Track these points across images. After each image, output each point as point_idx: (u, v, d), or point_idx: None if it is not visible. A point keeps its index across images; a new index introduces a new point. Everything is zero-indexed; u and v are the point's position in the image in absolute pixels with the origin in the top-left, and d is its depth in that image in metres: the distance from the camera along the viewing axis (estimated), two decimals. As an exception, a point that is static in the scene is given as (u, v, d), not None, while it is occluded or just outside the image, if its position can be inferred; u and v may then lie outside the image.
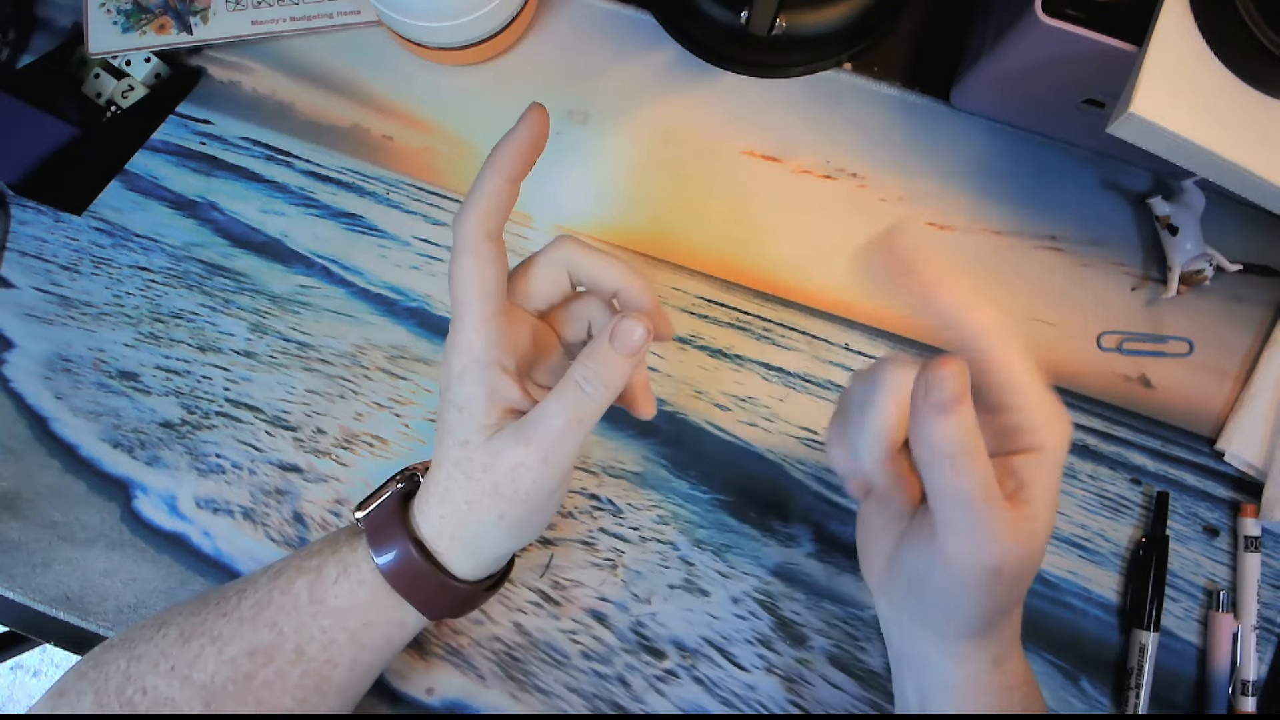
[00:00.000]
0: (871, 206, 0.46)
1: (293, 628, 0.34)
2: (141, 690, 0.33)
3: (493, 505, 0.32)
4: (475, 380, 0.31)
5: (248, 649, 0.33)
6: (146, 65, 0.47)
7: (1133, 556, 0.43)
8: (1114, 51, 0.36)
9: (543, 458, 0.31)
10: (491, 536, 0.33)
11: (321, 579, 0.34)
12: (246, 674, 0.33)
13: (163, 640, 0.34)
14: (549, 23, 0.49)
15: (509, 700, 0.42)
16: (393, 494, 0.35)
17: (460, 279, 0.31)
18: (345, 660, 0.34)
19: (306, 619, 0.34)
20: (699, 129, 0.47)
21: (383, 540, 0.34)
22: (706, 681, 0.42)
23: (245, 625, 0.34)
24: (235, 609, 0.34)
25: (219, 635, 0.34)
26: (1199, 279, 0.44)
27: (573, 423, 0.31)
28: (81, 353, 0.46)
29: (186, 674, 0.33)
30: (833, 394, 0.45)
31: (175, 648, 0.34)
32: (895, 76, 0.47)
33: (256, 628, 0.34)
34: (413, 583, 0.34)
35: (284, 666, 0.33)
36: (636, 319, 0.30)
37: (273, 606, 0.34)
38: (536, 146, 0.33)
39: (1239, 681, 0.42)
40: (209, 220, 0.48)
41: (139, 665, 0.34)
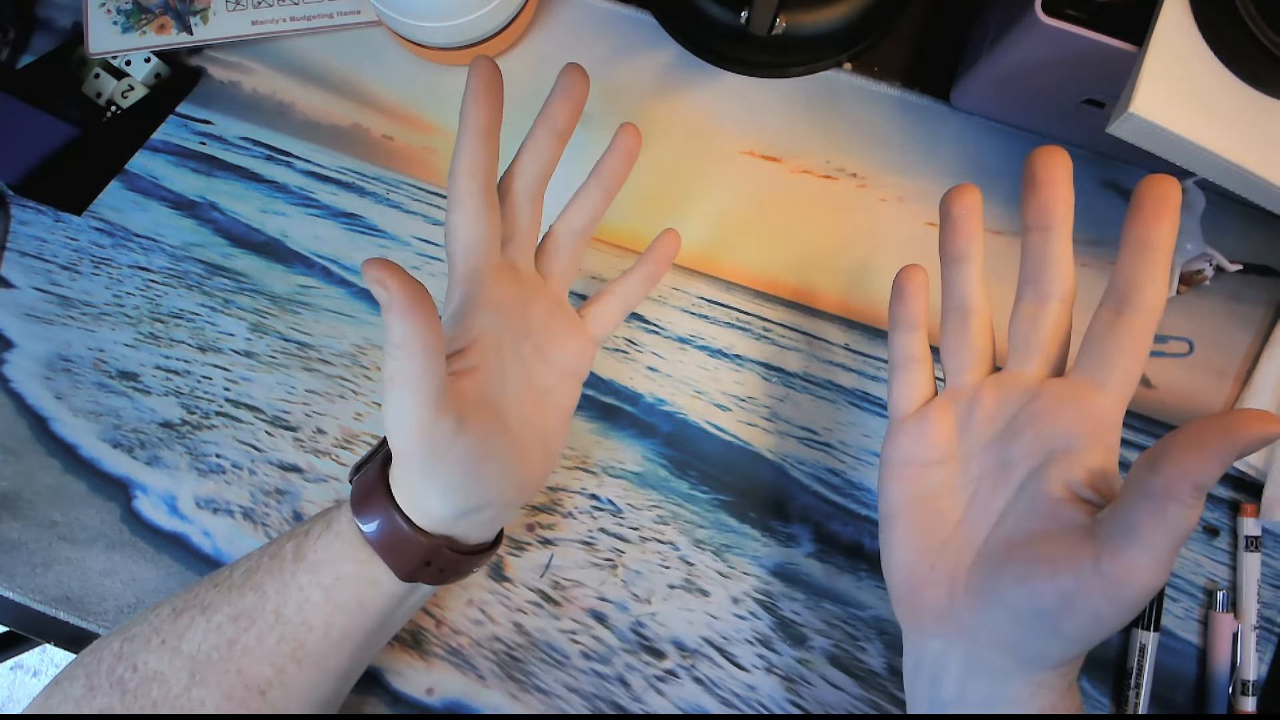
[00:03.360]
0: (871, 206, 0.46)
1: (275, 588, 0.34)
2: (132, 667, 0.33)
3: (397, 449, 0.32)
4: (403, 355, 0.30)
5: (232, 614, 0.34)
6: (146, 65, 0.47)
7: (1133, 556, 0.43)
8: (1114, 51, 0.36)
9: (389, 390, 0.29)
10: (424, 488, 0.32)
11: (308, 538, 0.35)
12: (229, 639, 0.33)
13: (155, 618, 0.34)
14: (549, 23, 0.49)
15: (509, 700, 0.42)
16: (381, 454, 0.35)
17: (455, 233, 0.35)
18: (319, 623, 0.34)
19: (288, 577, 0.34)
20: (699, 129, 0.47)
21: (364, 499, 0.34)
22: (706, 681, 0.42)
23: (234, 591, 0.34)
24: (227, 578, 0.35)
25: (209, 604, 0.34)
26: (1199, 279, 0.44)
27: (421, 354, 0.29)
28: (81, 353, 0.46)
29: (175, 645, 0.33)
30: (833, 394, 0.45)
31: (167, 622, 0.34)
32: (895, 76, 0.47)
33: (244, 592, 0.34)
34: (383, 535, 0.33)
35: (263, 630, 0.33)
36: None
37: (260, 570, 0.35)
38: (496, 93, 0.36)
39: (1239, 681, 0.42)
40: (209, 220, 0.48)
41: (132, 644, 0.34)
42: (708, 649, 0.43)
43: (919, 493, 0.34)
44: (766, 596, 0.43)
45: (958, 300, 0.34)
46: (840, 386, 0.45)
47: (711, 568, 0.43)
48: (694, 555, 0.44)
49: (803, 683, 0.42)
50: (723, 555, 0.44)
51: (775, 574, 0.43)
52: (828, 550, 0.43)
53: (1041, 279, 0.32)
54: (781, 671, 0.42)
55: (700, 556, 0.44)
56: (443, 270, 0.47)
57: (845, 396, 0.45)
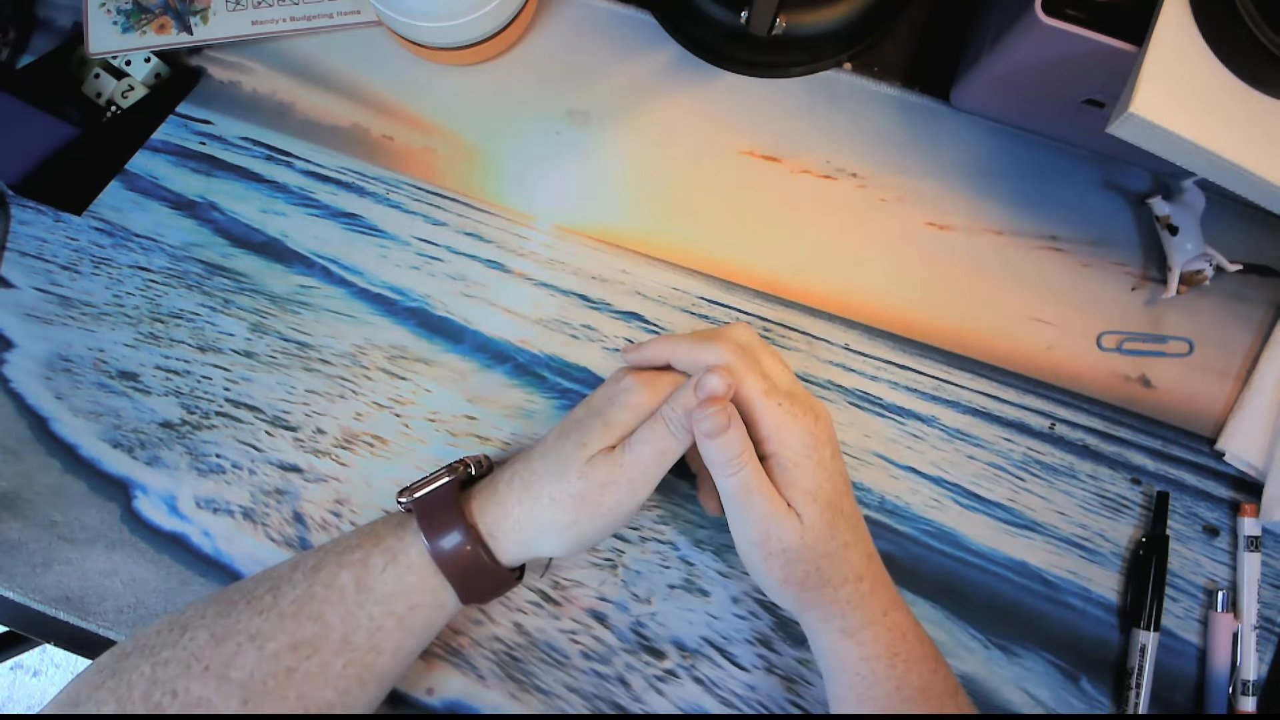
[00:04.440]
0: (871, 206, 0.46)
1: (339, 618, 0.35)
2: (171, 694, 0.33)
3: (572, 510, 0.35)
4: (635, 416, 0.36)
5: (290, 643, 0.34)
6: (146, 65, 0.47)
7: (1133, 556, 0.43)
8: (1114, 51, 0.36)
9: (630, 478, 0.35)
10: (554, 537, 0.36)
11: (368, 569, 0.35)
12: (289, 668, 0.34)
13: (190, 644, 0.34)
14: (549, 23, 0.49)
15: (509, 700, 0.42)
16: (450, 480, 0.37)
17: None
18: (390, 647, 0.35)
19: (354, 608, 0.35)
20: (699, 129, 0.47)
21: (438, 524, 0.35)
22: (706, 681, 0.42)
23: (287, 620, 0.34)
24: (272, 605, 0.35)
25: (258, 633, 0.34)
26: (1199, 279, 0.44)
27: (657, 453, 0.35)
28: (81, 353, 0.46)
29: (223, 673, 0.33)
30: (833, 394, 0.45)
31: (208, 649, 0.34)
32: (895, 76, 0.47)
33: (300, 621, 0.34)
34: (461, 566, 0.35)
35: (328, 658, 0.34)
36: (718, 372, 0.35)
37: (317, 600, 0.35)
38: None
39: (1239, 681, 0.42)
40: (209, 220, 0.48)
41: (166, 669, 0.33)
42: (708, 649, 0.43)
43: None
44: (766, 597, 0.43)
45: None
46: (840, 386, 0.45)
47: (711, 568, 0.43)
48: (694, 555, 0.44)
49: (803, 683, 0.42)
50: (723, 555, 0.44)
51: (775, 574, 0.43)
52: (828, 550, 0.43)
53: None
54: (781, 671, 0.42)
55: (700, 556, 0.44)
56: (443, 270, 0.47)
57: (845, 396, 0.45)
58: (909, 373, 0.45)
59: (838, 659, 0.37)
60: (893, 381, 0.45)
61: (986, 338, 0.45)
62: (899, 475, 0.44)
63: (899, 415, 0.45)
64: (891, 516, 0.44)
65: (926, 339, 0.45)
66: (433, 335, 0.46)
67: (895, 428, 0.45)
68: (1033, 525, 0.44)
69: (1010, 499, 0.44)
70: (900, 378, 0.45)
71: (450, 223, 0.47)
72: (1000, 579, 0.43)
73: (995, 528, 0.44)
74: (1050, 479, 0.44)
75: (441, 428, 0.45)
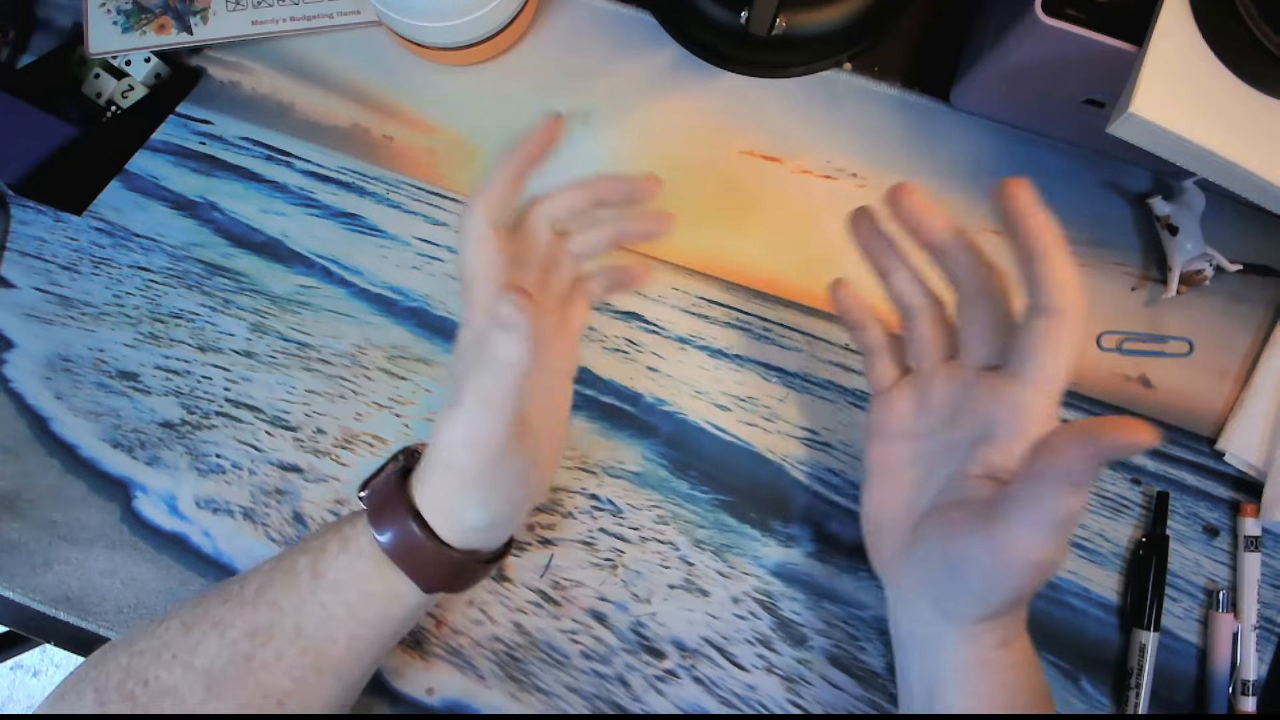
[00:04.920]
0: (871, 206, 0.46)
1: (292, 605, 0.34)
2: (143, 682, 0.33)
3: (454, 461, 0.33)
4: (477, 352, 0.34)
5: (248, 630, 0.34)
6: (146, 65, 0.47)
7: (1133, 556, 0.43)
8: (1114, 51, 0.36)
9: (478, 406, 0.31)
10: (464, 499, 0.34)
11: (324, 555, 0.35)
12: (246, 655, 0.33)
13: (164, 633, 0.34)
14: (549, 23, 0.49)
15: (509, 700, 0.42)
16: (393, 469, 0.36)
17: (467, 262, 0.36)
18: (342, 636, 0.34)
19: (306, 595, 0.34)
20: (699, 129, 0.47)
21: (383, 513, 0.35)
22: (706, 681, 0.42)
23: (247, 607, 0.34)
24: (238, 594, 0.35)
25: (220, 620, 0.34)
26: (1199, 279, 0.44)
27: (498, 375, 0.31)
28: (81, 353, 0.46)
29: (188, 660, 0.33)
30: (833, 394, 0.45)
31: (177, 637, 0.34)
32: (895, 76, 0.47)
33: (258, 608, 0.34)
34: (407, 550, 0.34)
35: (282, 645, 0.34)
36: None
37: (274, 586, 0.35)
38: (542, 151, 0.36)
39: (1239, 681, 0.42)
40: (209, 220, 0.48)
41: (141, 659, 0.34)
42: (708, 649, 0.43)
43: (887, 459, 0.38)
44: (766, 596, 0.43)
45: (899, 305, 0.38)
46: (840, 386, 0.45)
47: (711, 568, 0.43)
48: (694, 555, 0.44)
49: (803, 683, 0.42)
50: (723, 555, 0.44)
51: (775, 574, 0.43)
52: (828, 550, 0.43)
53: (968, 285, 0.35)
54: (781, 671, 0.42)
55: (700, 556, 0.44)
56: (442, 270, 0.47)
57: (845, 396, 0.45)
58: (909, 373, 0.45)
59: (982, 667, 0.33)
60: (893, 381, 0.45)
61: (986, 338, 0.45)
62: (899, 475, 0.44)
63: (899, 415, 0.45)
64: (891, 516, 0.44)
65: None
66: (433, 335, 0.46)
67: (895, 428, 0.45)
68: (1033, 525, 0.44)
69: (1010, 499, 0.44)
70: (900, 378, 0.45)
71: (450, 223, 0.47)
72: (1000, 579, 0.43)
73: (995, 528, 0.44)
74: (1050, 479, 0.44)
75: (441, 428, 0.45)
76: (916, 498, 0.36)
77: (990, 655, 0.33)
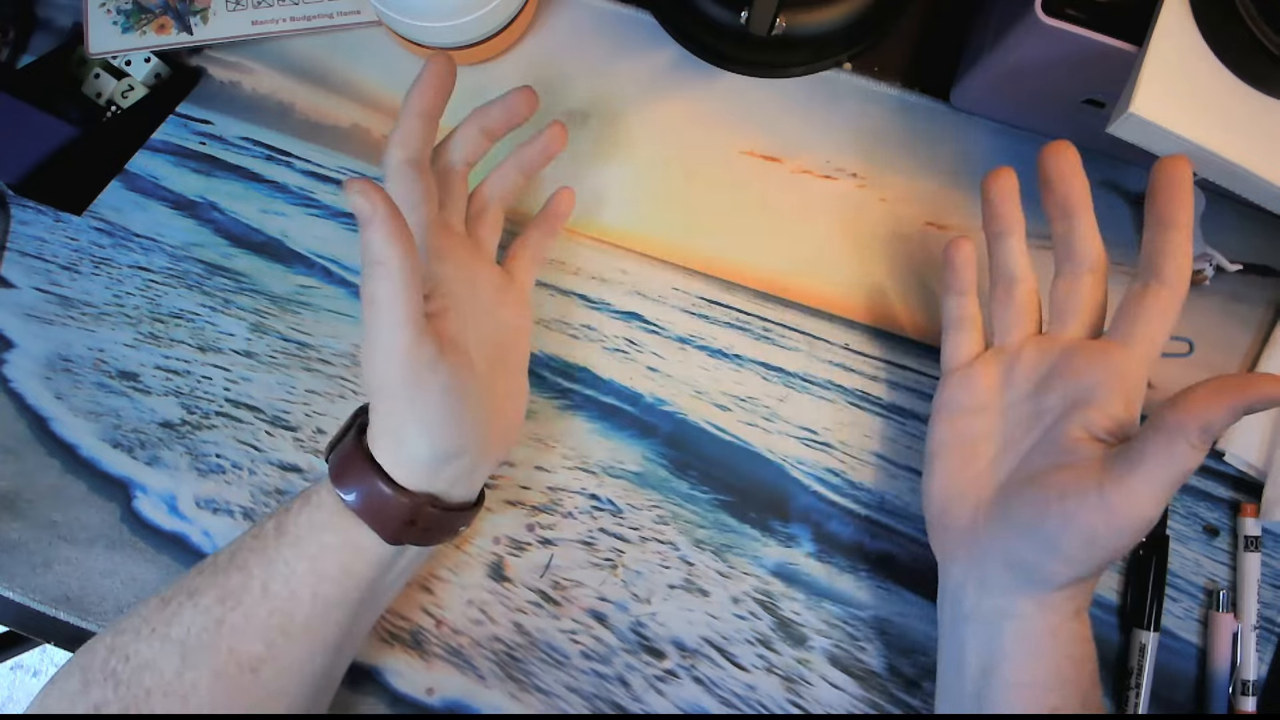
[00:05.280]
0: (871, 206, 0.46)
1: (260, 565, 0.34)
2: (124, 658, 0.33)
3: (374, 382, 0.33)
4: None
5: (219, 595, 0.34)
6: (146, 65, 0.47)
7: (1133, 556, 0.43)
8: (1114, 51, 0.36)
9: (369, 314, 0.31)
10: (399, 422, 0.33)
11: (288, 514, 0.35)
12: (217, 620, 0.34)
13: (144, 609, 0.35)
14: (549, 23, 0.49)
15: (509, 700, 0.42)
16: (355, 420, 0.37)
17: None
18: (306, 594, 0.34)
19: (271, 553, 0.34)
20: (699, 129, 0.47)
21: (341, 466, 0.35)
22: (706, 681, 0.42)
23: (219, 574, 0.35)
24: (211, 563, 0.35)
25: (194, 589, 0.34)
26: (1199, 279, 0.44)
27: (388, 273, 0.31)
28: (81, 353, 0.46)
29: (165, 632, 0.34)
30: (833, 394, 0.45)
31: (155, 611, 0.34)
32: (895, 76, 0.47)
33: (229, 573, 0.35)
34: (364, 498, 0.34)
35: (251, 607, 0.34)
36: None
37: (244, 550, 0.35)
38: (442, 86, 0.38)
39: (1239, 681, 0.42)
40: (209, 220, 0.48)
41: (122, 637, 0.34)
42: (708, 649, 0.43)
43: (961, 434, 0.38)
44: (766, 596, 0.43)
45: (1002, 270, 0.38)
46: (840, 386, 0.45)
47: (711, 568, 0.43)
48: (694, 555, 0.44)
49: (803, 683, 0.42)
50: (723, 555, 0.44)
51: (775, 574, 0.43)
52: (828, 550, 0.43)
53: (1073, 257, 0.36)
54: (781, 671, 0.42)
55: (700, 556, 0.44)
56: (443, 270, 0.47)
57: (845, 396, 0.45)
58: (909, 373, 0.45)
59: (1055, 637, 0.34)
60: (892, 381, 0.45)
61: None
62: (899, 475, 0.44)
63: (899, 415, 0.45)
64: (891, 516, 0.44)
65: (927, 339, 0.45)
66: (433, 335, 0.46)
67: (895, 428, 0.45)
68: (1033, 525, 0.44)
69: (1010, 499, 0.44)
70: (900, 378, 0.45)
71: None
72: (1000, 579, 0.43)
73: (995, 528, 0.44)
74: (1050, 479, 0.44)
75: (441, 428, 0.45)
76: (996, 468, 0.37)
77: (1061, 626, 0.33)
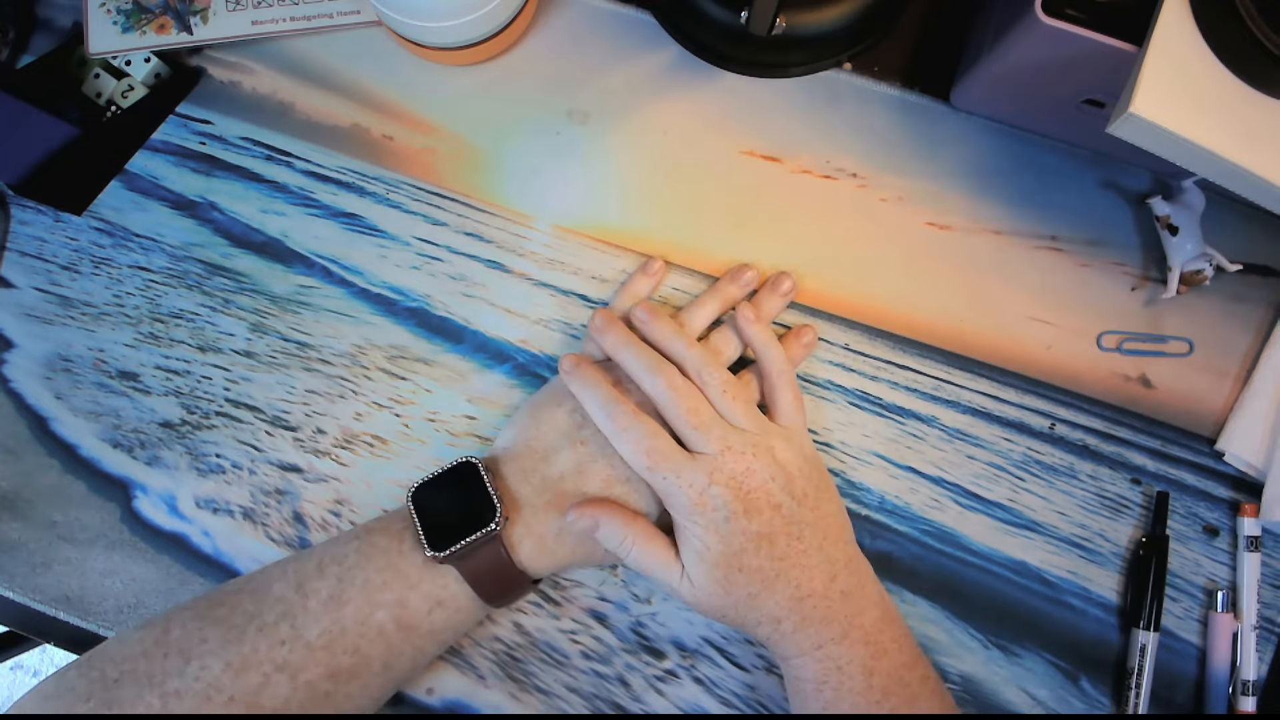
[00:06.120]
0: (871, 206, 0.46)
1: (379, 651, 0.36)
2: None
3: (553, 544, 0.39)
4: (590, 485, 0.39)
5: (327, 673, 0.35)
6: (146, 65, 0.47)
7: (1133, 556, 0.43)
8: (1114, 51, 0.36)
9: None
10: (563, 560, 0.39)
11: (409, 611, 0.36)
12: (326, 693, 0.35)
13: (204, 673, 0.34)
14: (549, 23, 0.49)
15: (509, 700, 0.42)
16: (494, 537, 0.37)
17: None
18: (426, 661, 0.38)
19: (396, 643, 0.36)
20: (699, 129, 0.47)
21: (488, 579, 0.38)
22: (706, 681, 0.42)
23: (318, 652, 0.35)
24: (294, 637, 0.35)
25: (284, 664, 0.35)
26: (1199, 279, 0.44)
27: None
28: (81, 353, 0.46)
29: (252, 700, 0.34)
30: (833, 394, 0.45)
31: (227, 679, 0.34)
32: (895, 76, 0.47)
33: (334, 654, 0.35)
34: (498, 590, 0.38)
35: (368, 680, 0.36)
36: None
37: (349, 635, 0.36)
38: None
39: (1239, 681, 0.42)
40: (209, 220, 0.48)
41: (181, 700, 0.33)
42: (708, 649, 0.43)
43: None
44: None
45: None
46: (840, 386, 0.45)
47: (711, 568, 0.43)
48: (694, 555, 0.44)
49: (803, 683, 0.42)
50: (723, 555, 0.43)
51: (775, 574, 0.43)
52: (828, 550, 0.43)
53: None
54: (781, 671, 0.42)
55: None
56: (442, 270, 0.47)
57: (845, 396, 0.45)
58: (909, 373, 0.45)
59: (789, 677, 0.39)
60: (893, 381, 0.45)
61: (986, 338, 0.45)
62: (899, 475, 0.44)
63: (899, 415, 0.45)
64: (891, 516, 0.44)
65: (926, 339, 0.45)
66: (433, 335, 0.46)
67: (895, 428, 0.45)
68: (1033, 525, 0.44)
69: (1010, 499, 0.44)
70: (900, 378, 0.45)
71: (450, 223, 0.47)
72: (1000, 579, 0.43)
73: (995, 528, 0.44)
74: (1050, 479, 0.44)
75: (441, 428, 0.45)
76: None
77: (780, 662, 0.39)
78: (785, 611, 0.37)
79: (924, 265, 0.46)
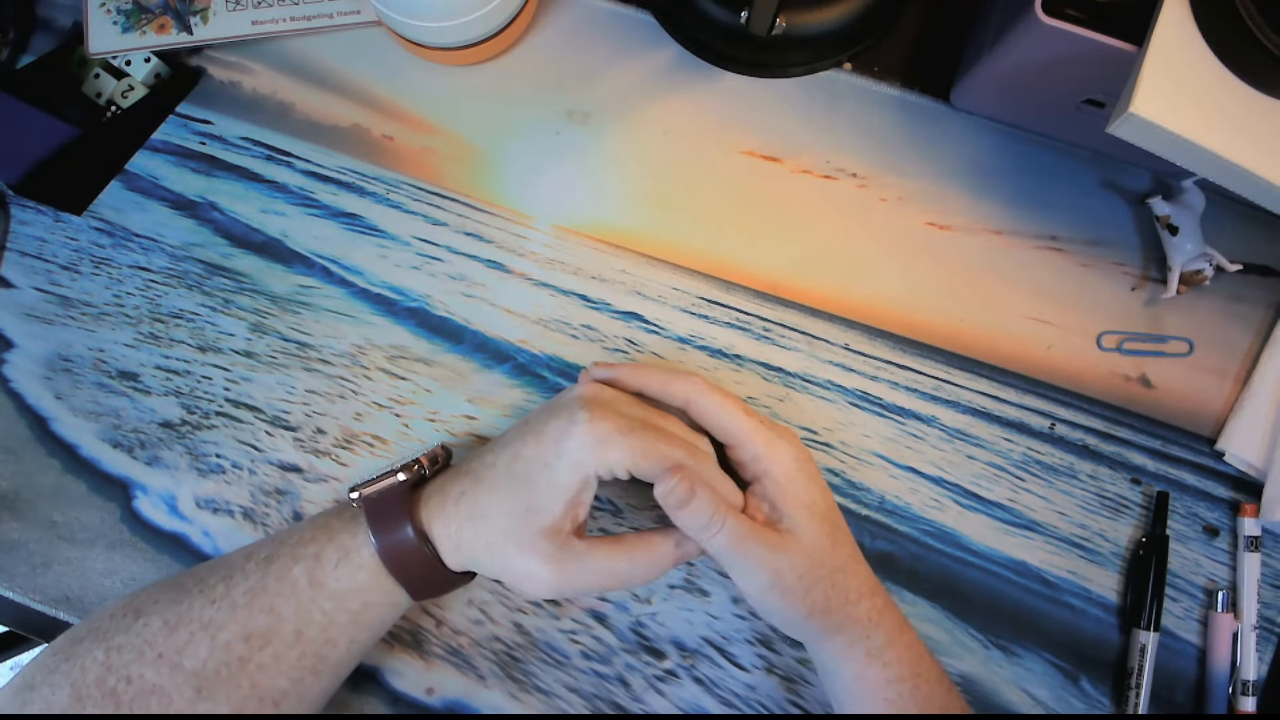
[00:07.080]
0: (871, 206, 0.46)
1: (292, 611, 0.35)
2: (125, 679, 0.33)
3: (501, 564, 0.35)
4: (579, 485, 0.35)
5: (243, 634, 0.34)
6: (146, 65, 0.47)
7: (1133, 556, 0.43)
8: (1114, 51, 0.36)
9: (559, 587, 0.35)
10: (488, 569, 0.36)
11: (321, 564, 0.35)
12: (241, 658, 0.34)
13: (144, 630, 0.34)
14: (549, 23, 0.49)
15: (509, 700, 0.42)
16: (402, 481, 0.37)
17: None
18: (343, 640, 0.36)
19: (306, 602, 0.35)
20: (699, 129, 0.47)
21: (387, 527, 0.35)
22: (706, 681, 0.42)
23: (239, 610, 0.35)
24: (225, 595, 0.35)
25: (210, 622, 0.34)
26: (1199, 279, 0.44)
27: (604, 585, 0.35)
28: (81, 353, 0.46)
29: (175, 660, 0.34)
30: (833, 394, 0.45)
31: (161, 636, 0.34)
32: (895, 76, 0.47)
33: (252, 613, 0.35)
34: (409, 568, 0.35)
35: (281, 649, 0.35)
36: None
37: (269, 592, 0.35)
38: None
39: (1239, 681, 0.42)
40: (209, 220, 0.48)
41: (120, 655, 0.34)
42: (708, 649, 0.43)
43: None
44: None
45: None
46: (840, 386, 0.45)
47: (711, 568, 0.43)
48: (694, 555, 0.44)
49: (803, 683, 0.42)
50: (723, 555, 0.44)
51: (775, 574, 0.43)
52: (828, 550, 0.43)
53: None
54: (781, 671, 0.42)
55: (700, 557, 0.43)
56: (442, 270, 0.47)
57: (845, 396, 0.45)
58: (909, 373, 0.45)
59: (865, 685, 0.36)
60: (893, 381, 0.45)
61: (986, 338, 0.45)
62: (899, 475, 0.44)
63: (899, 415, 0.45)
64: (891, 516, 0.44)
65: (926, 339, 0.45)
66: (433, 335, 0.46)
67: (895, 428, 0.45)
68: (1033, 525, 0.44)
69: (1010, 499, 0.44)
70: (900, 378, 0.45)
71: (450, 223, 0.47)
72: (1000, 579, 0.43)
73: (995, 528, 0.44)
74: (1050, 479, 0.44)
75: (441, 428, 0.45)
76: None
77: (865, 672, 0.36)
78: (874, 583, 0.37)
79: (924, 265, 0.46)
